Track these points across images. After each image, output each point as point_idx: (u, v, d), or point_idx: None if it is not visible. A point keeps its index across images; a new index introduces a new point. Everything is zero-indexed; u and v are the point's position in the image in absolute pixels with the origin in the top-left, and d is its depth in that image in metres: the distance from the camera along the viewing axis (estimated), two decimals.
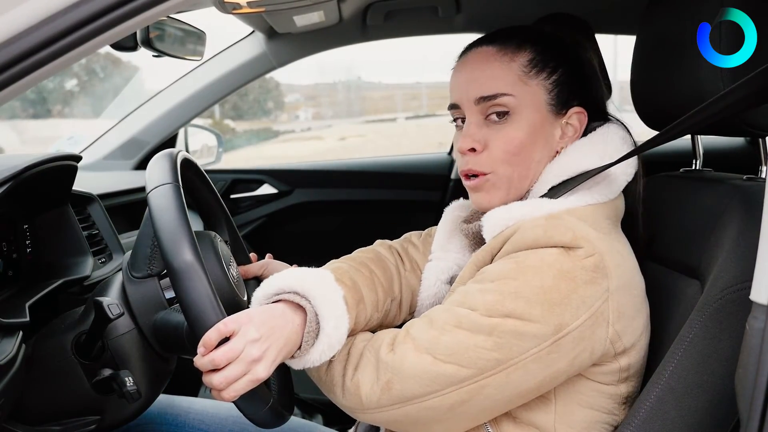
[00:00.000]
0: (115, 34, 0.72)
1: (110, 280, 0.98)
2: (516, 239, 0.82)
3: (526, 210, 0.86)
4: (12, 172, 0.94)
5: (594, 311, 0.79)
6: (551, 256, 0.79)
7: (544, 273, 0.78)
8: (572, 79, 0.91)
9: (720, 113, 0.78)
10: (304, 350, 0.83)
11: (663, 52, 0.97)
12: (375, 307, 0.95)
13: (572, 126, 0.91)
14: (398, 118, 13.75)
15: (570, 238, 0.80)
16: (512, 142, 0.88)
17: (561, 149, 0.91)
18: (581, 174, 0.87)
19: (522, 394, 0.81)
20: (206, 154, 2.30)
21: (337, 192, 2.26)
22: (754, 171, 0.96)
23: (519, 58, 0.89)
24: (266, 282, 0.86)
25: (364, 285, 0.95)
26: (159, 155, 0.90)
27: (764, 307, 0.64)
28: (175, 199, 0.83)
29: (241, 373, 0.77)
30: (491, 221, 0.88)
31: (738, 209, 0.84)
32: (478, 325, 0.78)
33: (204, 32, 1.67)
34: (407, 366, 0.79)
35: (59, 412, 0.91)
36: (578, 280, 0.78)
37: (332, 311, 0.84)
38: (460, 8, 1.77)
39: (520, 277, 0.79)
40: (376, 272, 1.00)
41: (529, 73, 0.89)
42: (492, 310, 0.78)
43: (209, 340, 0.77)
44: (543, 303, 0.77)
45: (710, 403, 0.79)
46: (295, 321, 0.83)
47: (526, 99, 0.89)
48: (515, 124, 0.88)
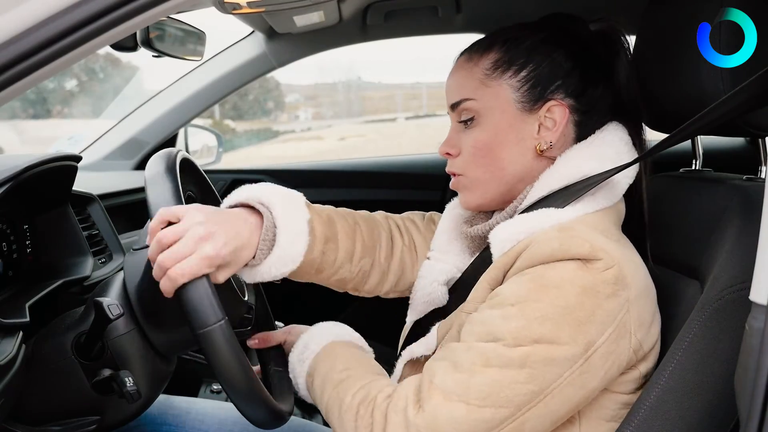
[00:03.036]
0: (116, 34, 0.72)
1: (110, 281, 0.98)
2: (530, 254, 0.79)
3: (535, 222, 0.83)
4: (12, 172, 0.94)
5: (617, 324, 0.77)
6: (570, 272, 0.77)
7: (566, 291, 0.76)
8: (547, 74, 0.89)
9: (724, 116, 0.78)
10: (258, 259, 0.85)
11: (663, 53, 0.96)
12: (348, 256, 0.97)
13: (551, 119, 0.89)
14: (398, 118, 13.75)
15: (588, 249, 0.77)
16: (477, 145, 0.91)
17: (548, 146, 0.88)
18: (582, 180, 0.86)
19: (561, 419, 0.79)
20: (206, 154, 2.30)
21: (338, 192, 2.26)
22: (754, 171, 0.96)
23: (482, 62, 0.91)
24: (235, 191, 0.89)
25: (342, 230, 0.97)
26: (157, 155, 0.89)
27: (763, 308, 0.64)
28: (172, 191, 0.83)
29: (189, 251, 0.76)
30: (500, 237, 0.85)
31: (738, 209, 0.84)
32: (507, 359, 0.75)
33: (204, 32, 1.67)
34: (442, 422, 0.74)
35: (59, 413, 0.91)
36: (601, 294, 0.76)
37: (291, 226, 0.86)
38: (460, 8, 1.77)
39: (542, 298, 0.76)
40: (361, 226, 1.01)
41: (492, 74, 0.90)
42: (519, 337, 0.75)
43: (154, 226, 0.79)
44: (570, 323, 0.75)
45: (710, 403, 0.79)
46: (250, 221, 0.85)
47: (489, 101, 0.90)
48: (480, 126, 0.91)
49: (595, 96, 0.91)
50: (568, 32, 0.92)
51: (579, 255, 0.77)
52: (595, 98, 0.91)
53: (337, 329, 0.95)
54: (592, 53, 0.92)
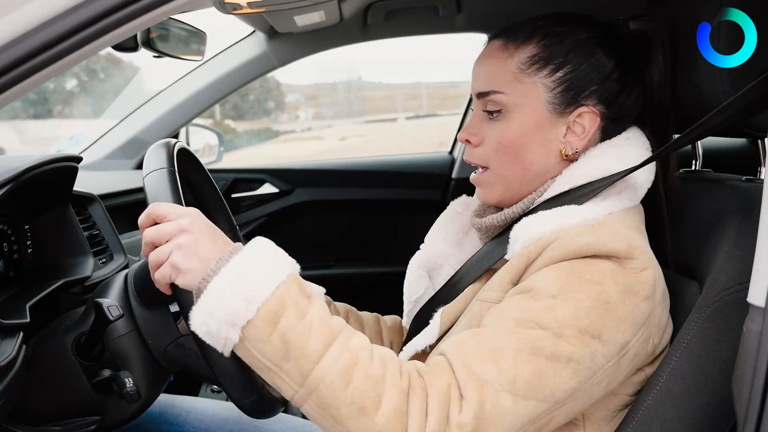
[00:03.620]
0: (117, 35, 0.72)
1: (111, 281, 0.98)
2: (561, 246, 0.76)
3: (561, 218, 0.80)
4: (13, 173, 0.94)
5: (646, 326, 0.77)
6: (609, 270, 0.75)
7: (608, 288, 0.74)
8: (583, 77, 0.86)
9: (727, 120, 0.78)
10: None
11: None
12: None
13: (580, 125, 0.87)
14: (399, 118, 13.73)
15: (626, 247, 0.75)
16: (502, 141, 0.88)
17: (574, 153, 0.87)
18: (603, 178, 0.84)
19: (573, 417, 0.77)
20: (207, 153, 2.30)
21: (338, 191, 2.26)
22: (753, 171, 0.96)
23: (519, 55, 0.87)
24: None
25: None
26: (156, 144, 0.89)
27: (761, 310, 0.64)
28: (170, 183, 0.83)
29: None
30: (523, 231, 0.82)
31: (737, 210, 0.84)
32: (556, 351, 0.71)
33: (204, 32, 1.67)
34: (489, 416, 0.68)
35: (59, 413, 0.91)
36: (640, 295, 0.75)
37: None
38: (461, 8, 1.77)
39: (585, 290, 0.73)
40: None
41: (527, 70, 0.87)
42: (567, 326, 0.71)
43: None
44: (611, 320, 0.73)
45: (708, 404, 0.79)
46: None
47: (520, 97, 0.87)
48: (507, 122, 0.87)
49: (626, 104, 0.89)
50: (609, 34, 0.89)
51: (616, 252, 0.75)
52: (626, 106, 0.89)
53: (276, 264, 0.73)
54: (630, 57, 0.89)
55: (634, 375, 0.81)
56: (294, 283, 0.71)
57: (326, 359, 0.68)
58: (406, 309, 1.03)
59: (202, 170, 1.08)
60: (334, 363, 0.68)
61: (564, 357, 0.71)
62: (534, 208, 0.88)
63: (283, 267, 0.72)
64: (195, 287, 0.71)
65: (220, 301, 0.68)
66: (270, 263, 0.71)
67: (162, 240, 0.73)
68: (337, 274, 2.23)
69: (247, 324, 0.68)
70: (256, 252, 0.72)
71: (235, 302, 0.67)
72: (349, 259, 2.25)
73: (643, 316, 0.76)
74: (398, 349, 1.13)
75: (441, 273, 1.02)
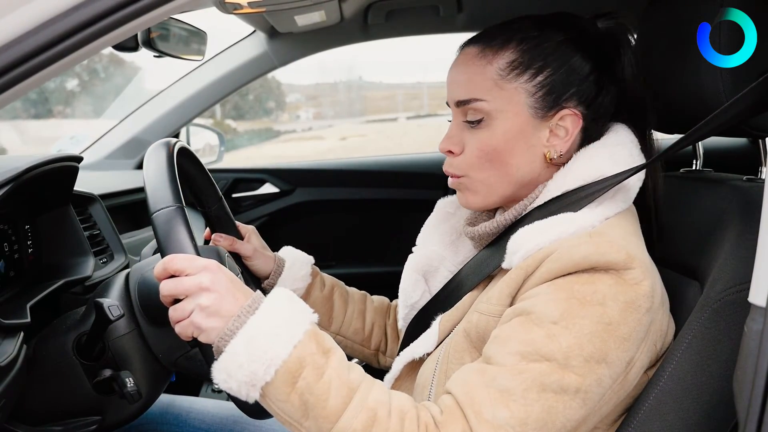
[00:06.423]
0: (118, 35, 0.72)
1: (111, 281, 0.98)
2: (559, 259, 0.76)
3: (558, 228, 0.79)
4: (13, 173, 0.94)
5: (647, 336, 0.77)
6: (609, 288, 0.74)
7: (610, 308, 0.73)
8: (563, 80, 0.86)
9: (728, 122, 0.78)
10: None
11: (662, 52, 0.96)
12: None
13: (563, 127, 0.86)
14: (399, 117, 13.74)
15: (624, 257, 0.75)
16: (484, 148, 0.87)
17: (558, 156, 0.87)
18: (598, 181, 0.83)
19: None
20: (208, 153, 2.31)
21: (339, 191, 2.26)
22: (754, 171, 0.96)
23: (498, 61, 0.86)
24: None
25: None
26: (156, 144, 0.87)
27: (762, 309, 0.64)
28: (183, 226, 0.78)
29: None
30: (522, 245, 0.80)
31: (738, 210, 0.84)
32: (564, 384, 0.72)
33: (205, 32, 1.67)
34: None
35: (60, 413, 0.92)
36: (641, 309, 0.75)
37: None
38: (462, 7, 1.77)
39: (586, 315, 0.73)
40: None
41: (507, 76, 0.86)
42: (571, 356, 0.72)
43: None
44: (615, 341, 0.73)
45: (708, 404, 0.79)
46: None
47: (501, 104, 0.86)
48: (489, 129, 0.86)
49: (604, 103, 0.89)
50: (584, 34, 0.89)
51: (615, 263, 0.75)
52: (604, 105, 0.89)
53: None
54: (605, 56, 0.89)
55: (641, 377, 0.81)
56: (311, 341, 0.72)
57: (344, 418, 0.70)
58: (401, 313, 1.03)
59: (202, 170, 1.08)
60: (352, 422, 0.70)
61: (572, 389, 0.72)
62: (527, 214, 0.87)
63: (301, 322, 0.73)
64: (215, 344, 0.72)
65: (237, 365, 0.69)
66: (288, 320, 0.72)
67: (181, 295, 0.73)
68: (338, 274, 2.22)
69: (266, 384, 0.70)
70: (273, 307, 0.73)
71: (252, 365, 0.69)
72: (349, 259, 2.25)
73: (645, 330, 0.76)
74: (381, 332, 1.18)
75: (437, 276, 1.01)
